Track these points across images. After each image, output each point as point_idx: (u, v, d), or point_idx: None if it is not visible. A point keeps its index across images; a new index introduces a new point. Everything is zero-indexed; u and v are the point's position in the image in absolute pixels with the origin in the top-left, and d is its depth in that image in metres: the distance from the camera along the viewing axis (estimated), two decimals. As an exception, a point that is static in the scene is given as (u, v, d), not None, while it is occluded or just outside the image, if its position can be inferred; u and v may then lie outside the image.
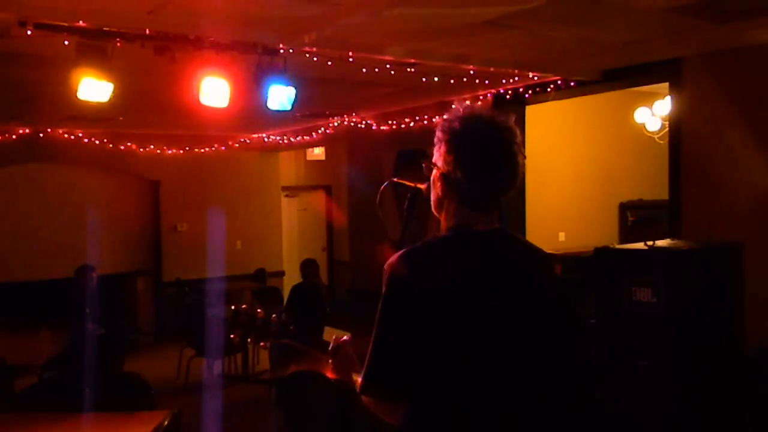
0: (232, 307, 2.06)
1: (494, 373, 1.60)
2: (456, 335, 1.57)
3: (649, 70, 4.97)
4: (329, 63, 4.46)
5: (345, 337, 1.89)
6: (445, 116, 1.70)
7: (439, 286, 1.58)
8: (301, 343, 2.09)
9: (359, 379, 1.63)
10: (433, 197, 1.75)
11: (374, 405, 1.62)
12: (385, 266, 1.61)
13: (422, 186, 1.86)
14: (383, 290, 1.60)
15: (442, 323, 1.56)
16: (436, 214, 1.75)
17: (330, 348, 1.87)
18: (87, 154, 8.61)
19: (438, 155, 1.70)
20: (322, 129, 8.40)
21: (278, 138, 9.37)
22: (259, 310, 2.06)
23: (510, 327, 1.62)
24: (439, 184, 1.71)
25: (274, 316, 2.06)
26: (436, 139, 1.70)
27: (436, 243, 1.67)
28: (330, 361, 1.87)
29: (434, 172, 1.72)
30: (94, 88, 3.86)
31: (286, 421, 4.72)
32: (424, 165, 1.77)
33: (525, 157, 1.67)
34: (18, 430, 3.30)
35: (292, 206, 11.47)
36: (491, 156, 1.63)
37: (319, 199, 11.58)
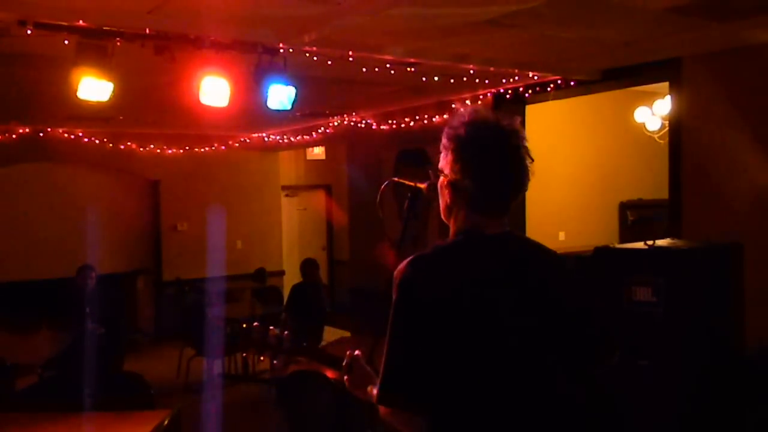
0: (243, 325, 2.04)
1: (516, 376, 1.57)
2: (472, 341, 1.54)
3: (649, 70, 4.97)
4: (329, 62, 4.46)
5: (357, 352, 1.86)
6: (449, 122, 1.66)
7: (451, 291, 1.54)
8: (310, 355, 2.08)
9: (375, 390, 1.60)
10: (441, 205, 1.72)
11: (391, 416, 1.58)
12: (395, 273, 1.58)
13: (422, 185, 1.85)
14: (394, 297, 1.56)
15: (457, 330, 1.53)
16: (445, 220, 1.72)
17: (344, 364, 1.85)
18: (87, 154, 8.62)
19: (444, 163, 1.67)
20: (322, 128, 8.40)
21: (278, 137, 9.36)
22: (271, 327, 2.04)
23: (528, 329, 1.59)
24: (447, 191, 1.67)
25: (286, 333, 2.04)
26: (441, 146, 1.67)
27: (447, 248, 1.64)
28: (345, 377, 1.85)
29: (441, 179, 1.69)
30: (94, 88, 3.86)
31: (286, 421, 4.72)
32: (429, 171, 1.75)
33: (533, 160, 1.65)
34: (18, 430, 3.30)
35: (292, 206, 11.47)
36: (499, 163, 1.61)
37: (319, 198, 11.58)
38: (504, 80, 5.64)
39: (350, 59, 4.38)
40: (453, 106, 1.84)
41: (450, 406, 1.54)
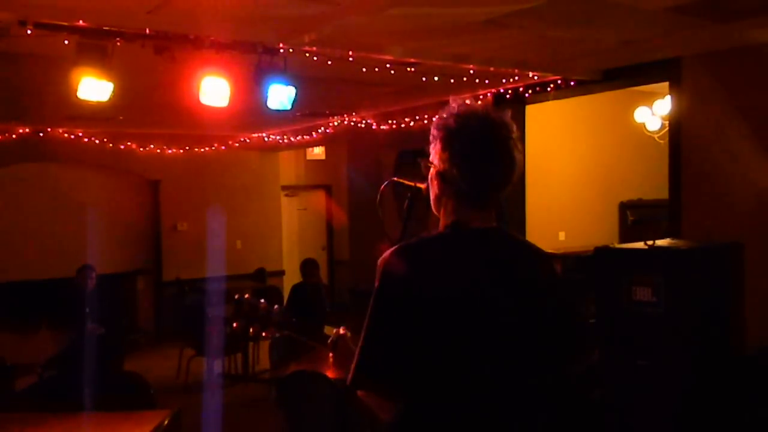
0: (236, 296, 2.06)
1: (488, 370, 1.59)
2: (449, 332, 1.56)
3: (649, 69, 4.97)
4: (329, 62, 4.46)
5: (342, 331, 1.89)
6: (440, 114, 1.68)
7: (432, 282, 1.57)
8: (301, 336, 2.10)
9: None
10: (431, 196, 1.74)
11: (365, 397, 1.62)
12: (378, 261, 1.61)
13: (422, 185, 1.85)
14: (375, 284, 1.60)
15: (434, 320, 1.55)
16: (435, 211, 1.74)
17: (329, 341, 1.88)
18: (87, 154, 8.62)
19: (434, 153, 1.69)
20: (322, 129, 8.40)
21: (278, 137, 9.36)
22: (261, 300, 2.06)
23: (505, 324, 1.60)
24: (435, 182, 1.69)
25: (276, 306, 2.06)
26: (431, 137, 1.69)
27: (431, 239, 1.66)
28: (330, 354, 1.88)
29: (431, 170, 1.71)
30: (94, 88, 3.87)
31: (286, 420, 4.71)
32: (421, 163, 1.76)
33: (522, 153, 1.66)
34: (18, 430, 3.30)
35: (292, 206, 11.47)
36: (486, 153, 1.62)
37: (319, 198, 11.58)
38: (504, 80, 5.64)
39: (350, 59, 4.38)
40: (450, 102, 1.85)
41: (422, 393, 1.57)
